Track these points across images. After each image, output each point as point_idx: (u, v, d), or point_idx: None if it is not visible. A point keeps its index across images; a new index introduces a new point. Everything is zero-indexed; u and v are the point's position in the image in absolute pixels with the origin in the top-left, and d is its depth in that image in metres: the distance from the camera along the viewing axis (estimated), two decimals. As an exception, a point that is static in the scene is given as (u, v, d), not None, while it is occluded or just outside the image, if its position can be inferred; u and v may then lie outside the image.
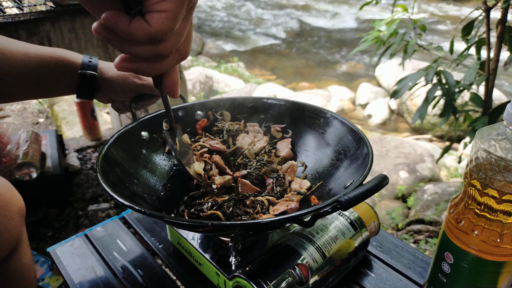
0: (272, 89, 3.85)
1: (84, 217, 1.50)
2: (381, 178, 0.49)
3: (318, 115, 0.74)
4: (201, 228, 0.53)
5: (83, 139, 1.89)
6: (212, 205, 0.61)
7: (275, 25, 6.60)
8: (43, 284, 1.18)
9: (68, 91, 0.74)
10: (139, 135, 0.71)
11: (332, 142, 0.71)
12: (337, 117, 0.71)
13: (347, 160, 0.66)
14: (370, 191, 0.47)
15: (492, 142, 0.46)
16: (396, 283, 0.67)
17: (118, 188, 0.57)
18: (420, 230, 1.72)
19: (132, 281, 0.69)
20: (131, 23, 0.37)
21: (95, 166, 0.57)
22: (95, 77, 0.72)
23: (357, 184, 0.51)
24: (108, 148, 0.62)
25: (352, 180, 0.58)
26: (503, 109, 1.23)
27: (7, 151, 1.34)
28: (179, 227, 0.67)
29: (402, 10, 1.45)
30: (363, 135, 0.64)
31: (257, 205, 0.62)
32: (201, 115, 0.79)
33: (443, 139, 2.46)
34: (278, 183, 0.67)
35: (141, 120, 0.71)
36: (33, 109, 2.65)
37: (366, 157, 0.58)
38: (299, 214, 0.46)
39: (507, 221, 0.47)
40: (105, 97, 0.76)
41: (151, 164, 0.70)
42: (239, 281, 0.57)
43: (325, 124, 0.73)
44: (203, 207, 0.61)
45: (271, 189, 0.67)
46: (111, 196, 0.50)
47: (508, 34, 1.23)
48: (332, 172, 0.69)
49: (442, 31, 6.03)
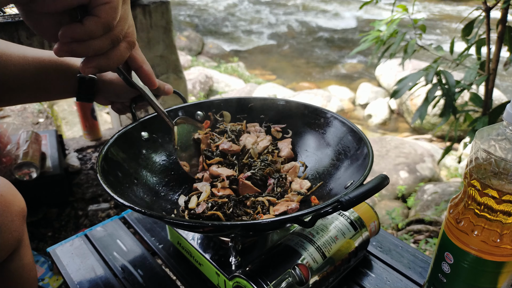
0: (272, 89, 3.85)
1: (84, 217, 1.50)
2: (381, 178, 0.49)
3: (318, 115, 0.74)
4: (201, 228, 0.53)
5: (83, 139, 1.89)
6: (212, 205, 0.61)
7: (275, 25, 6.60)
8: (43, 284, 1.18)
9: (67, 94, 0.73)
10: (139, 135, 0.71)
11: (332, 142, 0.71)
12: (338, 117, 0.71)
13: (348, 160, 0.66)
14: (371, 191, 0.47)
15: (492, 142, 0.46)
16: (396, 283, 0.67)
17: (118, 188, 0.57)
18: (420, 230, 1.72)
19: (132, 281, 0.69)
20: (84, 24, 0.42)
21: (95, 167, 0.57)
22: (94, 80, 0.71)
23: (357, 184, 0.51)
24: (108, 148, 0.62)
25: (353, 180, 0.58)
26: (503, 109, 1.23)
27: (7, 151, 1.34)
28: (179, 228, 0.68)
29: (402, 10, 1.45)
30: (364, 135, 0.64)
31: (257, 206, 0.62)
32: (201, 115, 0.79)
33: (443, 139, 2.46)
34: (279, 184, 0.67)
35: (141, 120, 0.71)
36: (33, 109, 2.65)
37: (367, 157, 0.58)
38: (300, 214, 0.46)
39: (507, 221, 0.47)
40: (105, 99, 0.76)
41: (151, 164, 0.70)
42: (239, 281, 0.57)
43: (325, 124, 0.73)
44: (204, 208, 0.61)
45: (272, 189, 0.67)
46: (111, 196, 0.50)
47: (508, 34, 1.23)
48: (333, 172, 0.69)
49: (442, 31, 6.03)
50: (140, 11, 1.49)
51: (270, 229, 0.59)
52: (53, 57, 0.69)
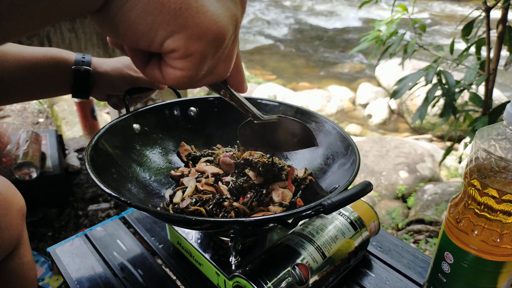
0: (272, 89, 3.85)
1: (84, 217, 1.50)
2: (364, 184, 0.50)
3: (309, 119, 0.74)
4: (183, 222, 0.53)
5: (83, 139, 1.89)
6: (196, 201, 0.62)
7: (275, 25, 6.60)
8: (43, 284, 1.18)
9: (64, 89, 0.74)
10: (132, 128, 0.71)
11: (322, 146, 0.71)
12: (328, 121, 0.72)
13: (335, 165, 0.67)
14: (354, 196, 0.47)
15: (492, 142, 0.46)
16: (396, 283, 0.67)
17: (106, 178, 0.57)
18: (420, 230, 1.72)
19: (132, 281, 0.69)
20: (146, 67, 0.34)
21: (84, 155, 0.57)
22: (90, 72, 0.72)
23: (342, 189, 0.52)
24: (99, 138, 0.62)
25: (338, 184, 0.59)
26: (503, 109, 1.23)
27: (7, 151, 1.34)
28: (163, 220, 0.67)
29: (402, 10, 1.45)
30: (352, 141, 0.65)
31: (231, 211, 0.61)
32: (194, 111, 0.79)
33: (443, 139, 2.46)
34: (257, 198, 0.65)
35: (133, 112, 0.72)
36: (33, 109, 2.65)
37: (353, 163, 0.59)
38: (283, 216, 0.47)
39: (507, 221, 0.47)
40: (102, 93, 0.77)
41: (142, 158, 0.71)
42: (239, 281, 0.57)
43: (317, 129, 0.73)
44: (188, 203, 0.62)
45: (248, 201, 0.64)
46: (96, 184, 0.50)
47: (508, 34, 1.23)
48: (320, 176, 0.69)
49: (442, 31, 6.03)
50: None
51: (254, 227, 0.59)
52: (47, 53, 0.69)
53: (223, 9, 0.29)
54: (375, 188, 2.40)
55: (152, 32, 0.28)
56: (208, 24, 0.28)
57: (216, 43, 0.30)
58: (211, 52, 0.30)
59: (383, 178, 2.44)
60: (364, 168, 2.51)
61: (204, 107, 0.80)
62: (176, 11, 0.27)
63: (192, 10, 0.27)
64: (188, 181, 0.68)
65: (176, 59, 0.30)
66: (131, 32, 0.28)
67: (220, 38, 0.29)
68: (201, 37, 0.28)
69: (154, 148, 0.74)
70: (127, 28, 0.28)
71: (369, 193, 2.53)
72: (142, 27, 0.28)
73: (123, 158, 0.67)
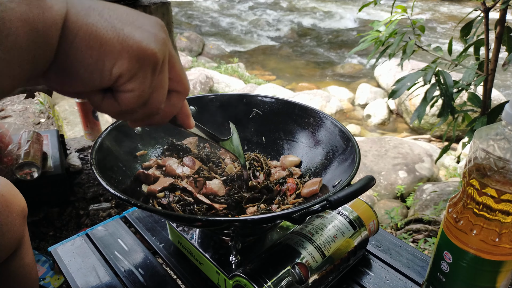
0: (272, 89, 3.85)
1: (85, 217, 1.51)
2: (368, 179, 0.51)
3: (308, 114, 0.75)
4: (169, 217, 0.56)
5: (84, 139, 1.89)
6: (179, 199, 0.63)
7: (275, 26, 6.60)
8: (44, 284, 1.19)
9: None
10: (132, 128, 0.72)
11: (322, 142, 0.72)
12: (327, 117, 0.72)
13: (336, 160, 0.68)
14: (359, 191, 0.48)
15: (491, 142, 0.46)
16: (395, 282, 0.68)
17: (112, 181, 0.58)
18: (419, 229, 1.72)
19: (133, 280, 0.70)
20: (102, 101, 0.37)
21: (89, 159, 0.58)
22: None
23: (345, 184, 0.53)
24: (102, 141, 0.63)
25: (340, 179, 0.60)
26: (501, 109, 1.23)
27: (9, 151, 1.34)
28: (150, 212, 0.68)
29: (401, 11, 1.46)
30: (351, 136, 0.65)
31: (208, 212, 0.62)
32: (193, 110, 0.80)
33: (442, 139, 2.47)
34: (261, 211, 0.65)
35: None
36: (34, 109, 2.66)
37: (354, 158, 0.60)
38: (290, 212, 0.47)
39: (505, 221, 0.47)
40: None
41: (145, 158, 0.72)
42: (239, 280, 0.57)
43: (315, 124, 0.73)
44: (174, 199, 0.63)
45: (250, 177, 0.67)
46: (101, 184, 0.51)
47: (507, 35, 1.23)
48: (321, 171, 0.70)
49: (441, 31, 6.04)
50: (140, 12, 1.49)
51: (260, 225, 0.60)
52: None
53: (146, 33, 0.35)
54: (374, 188, 2.41)
55: (100, 64, 0.33)
56: (139, 45, 0.34)
57: (151, 60, 0.35)
58: (150, 69, 0.35)
59: (382, 178, 2.44)
60: (363, 168, 2.52)
61: (204, 106, 0.80)
62: (112, 41, 0.33)
63: (125, 37, 0.33)
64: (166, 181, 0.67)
65: (125, 83, 0.35)
66: (83, 70, 0.33)
67: (151, 55, 0.35)
68: (138, 57, 0.34)
69: (156, 148, 0.75)
70: (78, 67, 0.33)
71: (368, 193, 2.52)
72: (90, 61, 0.32)
73: (125, 158, 0.67)
